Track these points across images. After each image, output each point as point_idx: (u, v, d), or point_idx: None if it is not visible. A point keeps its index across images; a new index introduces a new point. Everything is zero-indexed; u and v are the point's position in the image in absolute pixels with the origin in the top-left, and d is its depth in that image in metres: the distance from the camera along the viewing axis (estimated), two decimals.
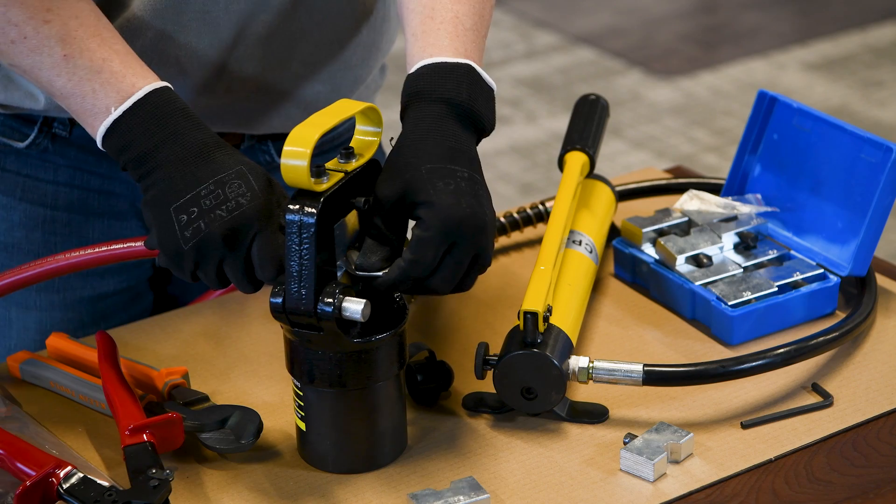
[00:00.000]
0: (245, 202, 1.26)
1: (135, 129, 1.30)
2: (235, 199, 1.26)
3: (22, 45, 1.32)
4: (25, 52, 1.33)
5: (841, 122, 1.56)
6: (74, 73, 1.32)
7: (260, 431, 1.33)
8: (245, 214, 1.25)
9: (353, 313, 1.22)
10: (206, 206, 1.25)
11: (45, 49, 1.32)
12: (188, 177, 1.27)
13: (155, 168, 1.29)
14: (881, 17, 5.22)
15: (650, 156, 4.31)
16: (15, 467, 1.27)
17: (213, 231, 1.25)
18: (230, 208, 1.25)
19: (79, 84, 1.32)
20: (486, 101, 1.35)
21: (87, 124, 1.33)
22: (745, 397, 1.39)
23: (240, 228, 1.25)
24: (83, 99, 1.32)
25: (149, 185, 1.29)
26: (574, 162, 1.63)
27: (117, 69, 1.32)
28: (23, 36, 1.32)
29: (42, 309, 1.64)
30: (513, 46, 5.10)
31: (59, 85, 1.33)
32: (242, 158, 1.30)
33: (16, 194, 1.60)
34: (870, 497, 1.27)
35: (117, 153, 1.31)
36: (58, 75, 1.32)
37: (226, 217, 1.25)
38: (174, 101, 1.32)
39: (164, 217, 1.27)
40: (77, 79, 1.32)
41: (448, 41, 1.36)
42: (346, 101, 1.30)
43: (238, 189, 1.26)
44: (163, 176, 1.28)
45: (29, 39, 1.32)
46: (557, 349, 1.36)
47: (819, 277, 1.53)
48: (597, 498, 1.27)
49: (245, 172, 1.28)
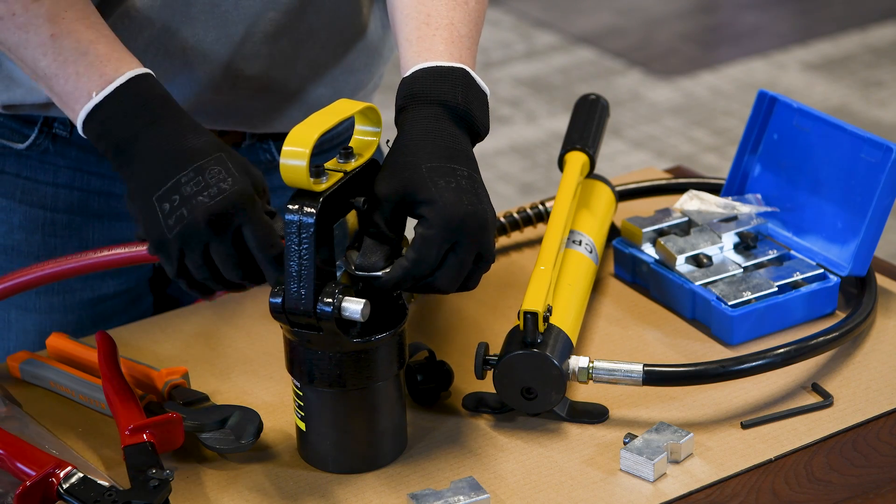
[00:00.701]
0: (227, 187, 1.26)
1: (114, 117, 1.30)
2: (217, 185, 1.26)
3: (10, 21, 1.32)
4: (13, 29, 1.32)
5: (841, 122, 1.56)
6: (60, 53, 1.32)
7: (260, 431, 1.33)
8: (228, 199, 1.25)
9: (352, 313, 1.22)
10: (188, 192, 1.25)
11: (33, 27, 1.32)
12: (167, 165, 1.27)
13: (133, 158, 1.29)
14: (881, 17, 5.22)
15: (650, 156, 4.31)
16: (15, 467, 1.27)
17: (196, 217, 1.25)
18: (212, 194, 1.25)
19: (63, 65, 1.32)
20: (480, 106, 1.35)
21: (69, 108, 1.33)
22: (745, 397, 1.39)
23: (223, 213, 1.25)
24: (66, 81, 1.32)
25: (128, 175, 1.29)
26: (574, 162, 1.63)
27: (102, 52, 1.32)
28: (11, 12, 1.32)
29: (42, 311, 1.64)
30: (513, 46, 5.10)
31: (43, 65, 1.32)
32: (221, 144, 1.29)
33: (15, 196, 1.60)
34: (870, 497, 1.27)
35: (96, 139, 1.31)
36: (43, 54, 1.32)
37: (208, 202, 1.25)
38: (154, 88, 1.32)
39: (147, 207, 1.27)
40: (62, 59, 1.32)
41: (444, 46, 1.37)
42: (346, 100, 1.30)
43: (218, 174, 1.26)
44: (142, 165, 1.28)
45: (17, 16, 1.32)
46: (557, 349, 1.36)
47: (819, 277, 1.53)
48: (597, 498, 1.27)
49: (224, 158, 1.27)
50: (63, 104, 1.33)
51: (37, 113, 1.56)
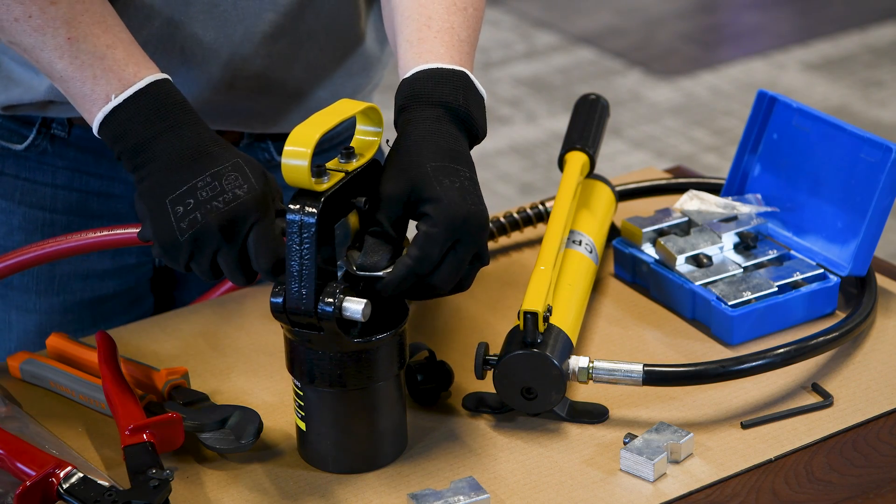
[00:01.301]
0: (242, 193, 1.26)
1: (133, 119, 1.30)
2: (232, 191, 1.26)
3: (26, 23, 1.32)
4: (29, 31, 1.32)
5: (841, 122, 1.56)
6: (77, 56, 1.32)
7: (260, 431, 1.33)
8: (242, 206, 1.25)
9: (353, 313, 1.22)
10: (203, 197, 1.26)
11: (50, 30, 1.32)
12: (184, 168, 1.27)
13: (150, 159, 1.29)
14: (881, 17, 5.22)
15: (650, 156, 4.32)
16: (15, 467, 1.27)
17: (210, 222, 1.25)
18: (227, 200, 1.26)
19: (80, 68, 1.32)
20: (478, 109, 1.36)
21: (85, 110, 1.33)
22: (745, 397, 1.39)
23: (236, 220, 1.25)
24: (83, 84, 1.32)
25: (143, 175, 1.29)
26: (574, 162, 1.63)
27: (120, 57, 1.32)
28: (28, 15, 1.32)
29: (42, 312, 1.64)
30: (513, 46, 5.10)
31: (59, 68, 1.33)
32: (238, 152, 1.30)
33: (14, 198, 1.60)
34: (870, 497, 1.27)
35: (112, 141, 1.31)
36: (60, 57, 1.32)
37: (223, 208, 1.25)
38: (173, 94, 1.32)
39: (159, 208, 1.27)
40: (79, 63, 1.32)
41: (444, 49, 1.38)
42: (347, 100, 1.31)
43: (235, 181, 1.27)
44: (158, 167, 1.28)
45: (34, 18, 1.32)
46: (557, 349, 1.36)
47: (819, 277, 1.53)
48: (597, 498, 1.27)
49: (241, 165, 1.28)
50: (79, 106, 1.33)
51: (35, 113, 1.56)
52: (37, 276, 1.62)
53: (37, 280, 1.62)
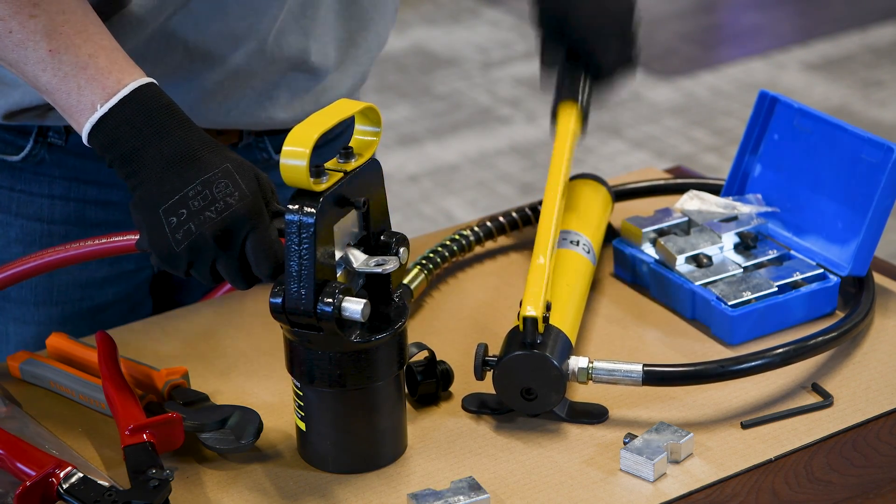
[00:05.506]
0: (233, 202, 1.26)
1: (120, 127, 1.29)
2: (223, 200, 1.26)
3: (7, 39, 1.32)
4: (10, 47, 1.32)
5: (841, 122, 1.56)
6: (60, 68, 1.31)
7: (260, 431, 1.33)
8: (234, 215, 1.25)
9: (352, 313, 1.22)
10: (195, 207, 1.25)
11: (31, 44, 1.31)
12: (174, 177, 1.27)
13: (141, 167, 1.28)
14: (881, 17, 5.22)
15: (650, 156, 4.32)
16: (15, 467, 1.27)
17: (204, 233, 1.25)
18: (219, 209, 1.25)
19: (64, 80, 1.31)
20: None
21: (74, 120, 1.32)
22: (745, 397, 1.39)
23: (230, 229, 1.25)
24: (68, 95, 1.31)
25: (135, 184, 1.29)
26: (567, 114, 1.61)
27: (103, 65, 1.31)
28: (8, 30, 1.31)
29: (40, 323, 1.63)
30: (513, 46, 5.10)
31: (44, 80, 1.32)
32: (229, 155, 1.29)
33: (11, 210, 1.59)
34: (870, 497, 1.27)
35: (102, 150, 1.31)
36: (43, 70, 1.32)
37: (215, 218, 1.25)
38: (159, 97, 1.31)
39: (153, 219, 1.27)
40: (62, 74, 1.31)
41: None
42: (346, 100, 1.30)
43: (225, 189, 1.26)
44: (149, 175, 1.28)
45: (14, 34, 1.31)
46: (557, 350, 1.36)
47: (819, 277, 1.53)
48: (597, 498, 1.27)
49: (231, 171, 1.27)
50: (67, 116, 1.33)
51: (32, 122, 1.55)
52: (34, 287, 1.61)
53: (34, 291, 1.62)
